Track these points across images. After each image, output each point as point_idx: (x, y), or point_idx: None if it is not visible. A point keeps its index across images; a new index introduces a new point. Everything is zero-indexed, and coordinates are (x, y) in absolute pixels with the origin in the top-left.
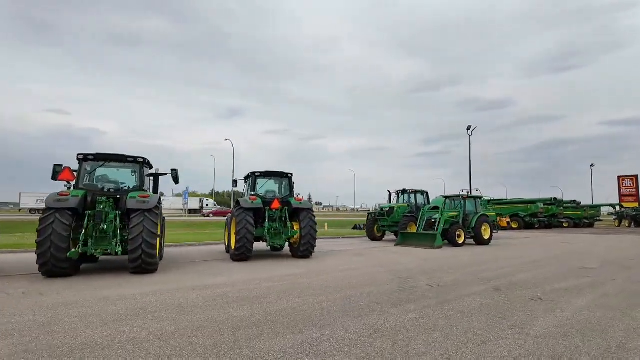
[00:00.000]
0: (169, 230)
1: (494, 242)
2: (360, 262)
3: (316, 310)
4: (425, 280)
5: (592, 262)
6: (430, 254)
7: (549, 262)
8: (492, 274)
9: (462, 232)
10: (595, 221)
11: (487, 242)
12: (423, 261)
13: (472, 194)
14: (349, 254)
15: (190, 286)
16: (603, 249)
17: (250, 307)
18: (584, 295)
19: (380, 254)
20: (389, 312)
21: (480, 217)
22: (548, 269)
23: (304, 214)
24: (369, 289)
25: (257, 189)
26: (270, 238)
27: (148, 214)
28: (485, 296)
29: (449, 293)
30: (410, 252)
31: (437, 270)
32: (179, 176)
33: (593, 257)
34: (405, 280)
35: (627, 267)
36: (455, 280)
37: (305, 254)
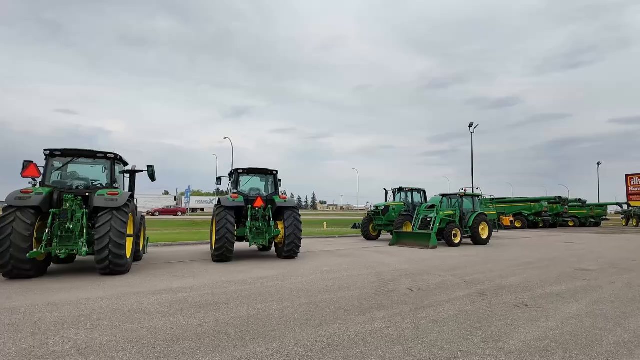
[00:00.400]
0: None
1: (493, 241)
2: (346, 263)
3: (274, 318)
4: (408, 283)
5: (591, 264)
6: (423, 254)
7: (545, 264)
8: (482, 277)
9: (458, 231)
10: (602, 220)
11: (485, 242)
12: (412, 262)
13: (470, 192)
14: (337, 255)
15: (153, 290)
16: (606, 250)
17: (204, 314)
18: (575, 301)
19: (371, 254)
20: (354, 320)
21: (478, 216)
22: (543, 271)
23: (288, 213)
24: (343, 294)
25: (240, 186)
26: (253, 238)
27: (116, 212)
28: (467, 302)
29: (428, 298)
30: (403, 252)
31: (424, 272)
32: (155, 173)
33: (594, 258)
34: (386, 283)
35: (629, 270)
36: (440, 284)
37: (290, 255)
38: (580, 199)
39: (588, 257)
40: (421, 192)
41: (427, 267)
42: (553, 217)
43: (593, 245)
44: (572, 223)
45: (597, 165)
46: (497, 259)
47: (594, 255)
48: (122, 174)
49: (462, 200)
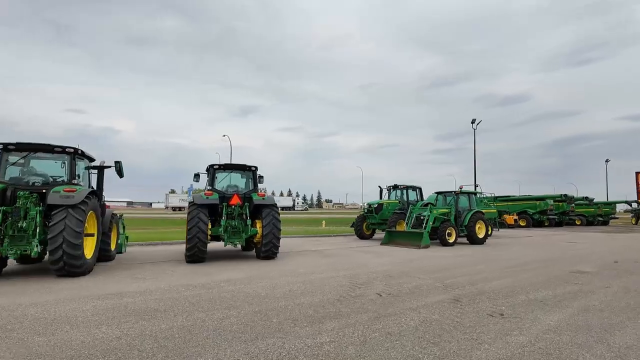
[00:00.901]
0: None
1: (492, 241)
2: (325, 264)
3: (207, 330)
4: (381, 287)
5: (590, 265)
6: (412, 254)
7: (539, 265)
8: (465, 280)
9: (453, 230)
10: (611, 219)
11: (482, 241)
12: (397, 263)
13: (466, 190)
14: (321, 255)
15: (99, 294)
16: (610, 250)
17: (132, 324)
18: (559, 310)
19: (358, 254)
20: (297, 333)
21: (474, 214)
22: (535, 273)
23: (266, 211)
24: (304, 300)
25: (217, 183)
26: (228, 237)
27: (72, 210)
28: (436, 310)
29: (395, 305)
30: (392, 252)
31: (404, 274)
32: (123, 169)
33: (594, 258)
34: (357, 287)
35: (629, 272)
36: (415, 287)
37: (268, 255)
38: (587, 197)
39: (588, 257)
40: (417, 189)
41: (410, 269)
42: (559, 215)
43: (597, 245)
44: (580, 222)
45: (606, 162)
46: (490, 259)
47: (595, 256)
48: (88, 170)
49: (457, 198)
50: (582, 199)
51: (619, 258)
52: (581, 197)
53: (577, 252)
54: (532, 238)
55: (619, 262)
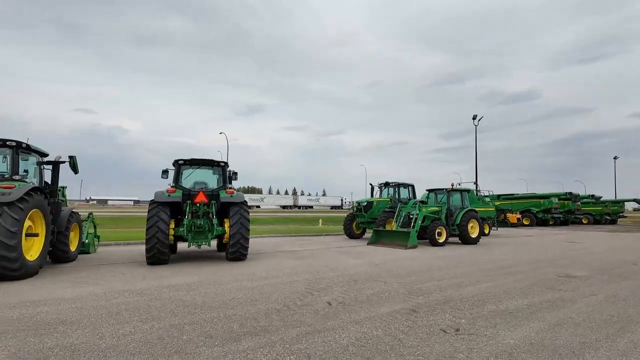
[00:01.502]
0: None
1: (488, 240)
2: (292, 267)
3: (96, 351)
4: (337, 293)
5: (582, 268)
6: (394, 255)
7: (527, 268)
8: (436, 285)
9: (443, 229)
10: (619, 217)
11: (475, 241)
12: (373, 265)
13: (458, 187)
14: (296, 256)
15: (20, 301)
16: (609, 250)
17: (17, 341)
18: (529, 323)
19: (335, 255)
20: (198, 354)
21: (466, 212)
22: (518, 277)
23: (234, 210)
24: (241, 310)
25: (184, 180)
26: (192, 237)
27: (8, 208)
28: (383, 323)
29: (340, 316)
30: (374, 252)
31: (371, 278)
32: (77, 164)
33: (589, 260)
34: (310, 294)
35: (623, 276)
36: (376, 294)
37: (236, 257)
38: (594, 195)
39: (583, 259)
40: (409, 187)
41: (382, 272)
42: (564, 214)
43: (597, 245)
44: (586, 220)
45: (614, 160)
46: (475, 261)
47: (591, 258)
48: (40, 165)
49: (449, 196)
50: (589, 197)
51: (618, 260)
52: (587, 195)
53: (573, 252)
54: (531, 237)
55: (616, 265)
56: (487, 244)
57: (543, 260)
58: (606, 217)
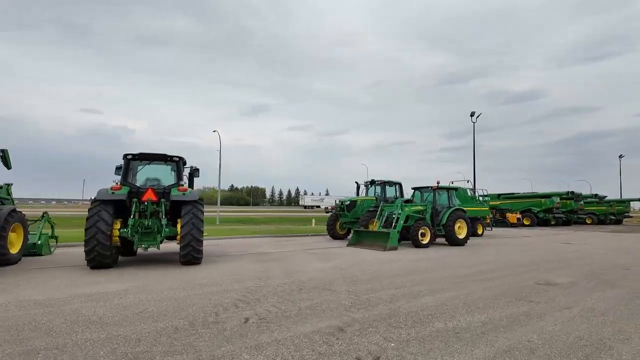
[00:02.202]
0: None
1: (479, 241)
2: (246, 272)
3: None
4: (269, 306)
5: (568, 274)
6: (369, 257)
7: (506, 273)
8: (389, 295)
9: (427, 230)
10: (624, 217)
11: (462, 242)
12: (336, 269)
13: (445, 185)
14: (260, 259)
15: None
16: (605, 253)
17: None
18: (472, 348)
19: (304, 257)
20: None
21: (453, 212)
22: (491, 284)
23: (186, 209)
24: (135, 329)
25: (136, 176)
26: (139, 239)
27: None
28: (287, 349)
29: (245, 338)
30: (349, 255)
31: (322, 286)
32: (9, 159)
33: (580, 264)
34: (234, 307)
35: (610, 284)
36: (310, 307)
37: (188, 260)
38: (597, 194)
39: (573, 263)
40: (396, 185)
41: (340, 278)
42: (566, 214)
43: (594, 247)
44: (590, 220)
45: (619, 158)
46: (452, 265)
47: (583, 261)
48: None
49: (435, 194)
50: (592, 197)
51: (611, 263)
52: (590, 194)
53: (566, 255)
54: (527, 238)
55: (607, 269)
56: (477, 245)
57: (528, 264)
58: (611, 217)
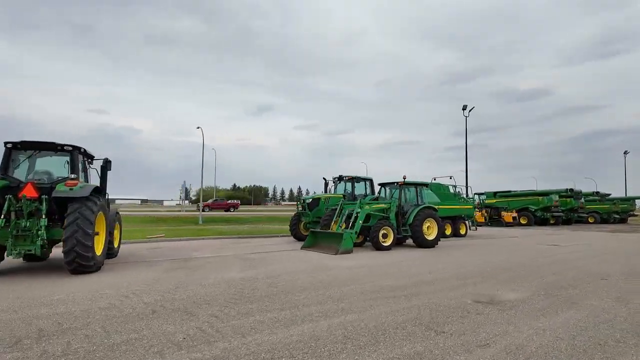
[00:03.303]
0: None
1: (454, 242)
2: (120, 286)
3: None
4: (68, 339)
5: (523, 287)
6: (310, 263)
7: (446, 285)
8: (264, 320)
9: (389, 230)
10: (629, 216)
11: (432, 243)
12: (247, 281)
13: (412, 181)
14: (170, 268)
15: None
16: (590, 257)
17: None
18: None
19: (232, 265)
20: None
21: (421, 210)
22: (412, 303)
23: (71, 207)
24: None
25: (19, 168)
26: (14, 243)
27: None
28: None
29: None
30: (290, 260)
31: (187, 307)
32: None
33: (550, 272)
34: (57, 333)
35: (571, 302)
36: (123, 343)
37: (74, 268)
38: (599, 192)
39: (543, 270)
40: (367, 181)
41: (233, 293)
42: (566, 212)
43: (582, 249)
44: (593, 219)
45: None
46: (394, 273)
47: (557, 267)
48: None
49: (401, 191)
50: (592, 194)
51: (588, 271)
52: (591, 192)
53: (538, 260)
54: (513, 239)
55: (579, 279)
56: (450, 247)
57: (484, 272)
58: (615, 216)
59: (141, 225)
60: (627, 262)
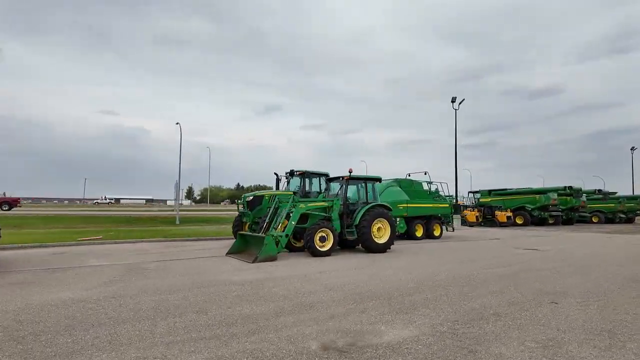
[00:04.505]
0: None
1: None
2: None
3: None
4: None
5: (433, 315)
6: (204, 277)
7: (324, 313)
8: None
9: (329, 232)
10: (637, 215)
11: (383, 247)
12: (69, 305)
13: (359, 175)
14: (18, 279)
15: None
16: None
17: None
18: None
19: (116, 273)
20: None
21: (370, 209)
22: (231, 349)
23: None
24: None
25: None
26: None
27: None
28: None
29: None
30: (194, 270)
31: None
32: None
33: (494, 288)
34: None
35: (473, 349)
36: None
37: None
38: (601, 190)
39: (485, 286)
40: (321, 177)
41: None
42: (566, 212)
43: (560, 256)
44: (597, 219)
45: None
46: (269, 295)
47: (510, 282)
48: None
49: (347, 187)
50: (594, 192)
51: (537, 290)
52: (592, 190)
53: (496, 271)
54: (489, 242)
55: (516, 303)
56: (401, 252)
57: (398, 290)
58: (620, 216)
59: (105, 226)
60: (599, 276)
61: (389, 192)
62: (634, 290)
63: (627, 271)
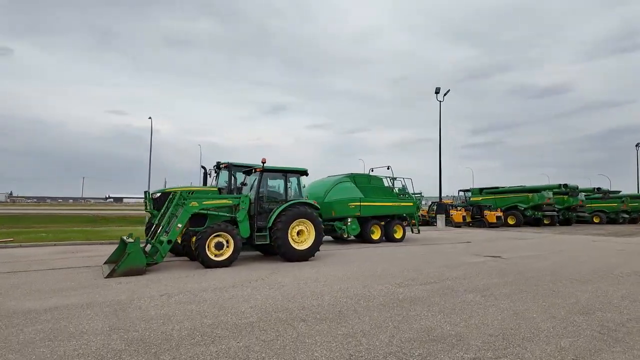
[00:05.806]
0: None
1: (335, 251)
2: None
3: None
4: None
5: None
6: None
7: None
8: None
9: (229, 237)
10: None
11: (304, 254)
12: None
13: (273, 166)
14: None
15: None
16: (501, 284)
17: None
18: None
19: None
20: None
21: (287, 209)
22: None
23: None
24: None
25: None
26: None
27: None
28: None
29: None
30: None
31: None
32: None
33: (356, 331)
34: None
35: None
36: None
37: None
38: (600, 188)
39: (370, 316)
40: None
41: None
42: (563, 211)
43: (518, 267)
44: (598, 219)
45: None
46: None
47: (414, 313)
48: None
49: (261, 180)
50: (592, 191)
51: (427, 327)
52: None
53: (394, 289)
54: (453, 247)
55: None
56: (326, 259)
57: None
58: (624, 216)
59: (58, 226)
60: (534, 305)
61: (339, 188)
62: (569, 330)
63: (582, 295)
